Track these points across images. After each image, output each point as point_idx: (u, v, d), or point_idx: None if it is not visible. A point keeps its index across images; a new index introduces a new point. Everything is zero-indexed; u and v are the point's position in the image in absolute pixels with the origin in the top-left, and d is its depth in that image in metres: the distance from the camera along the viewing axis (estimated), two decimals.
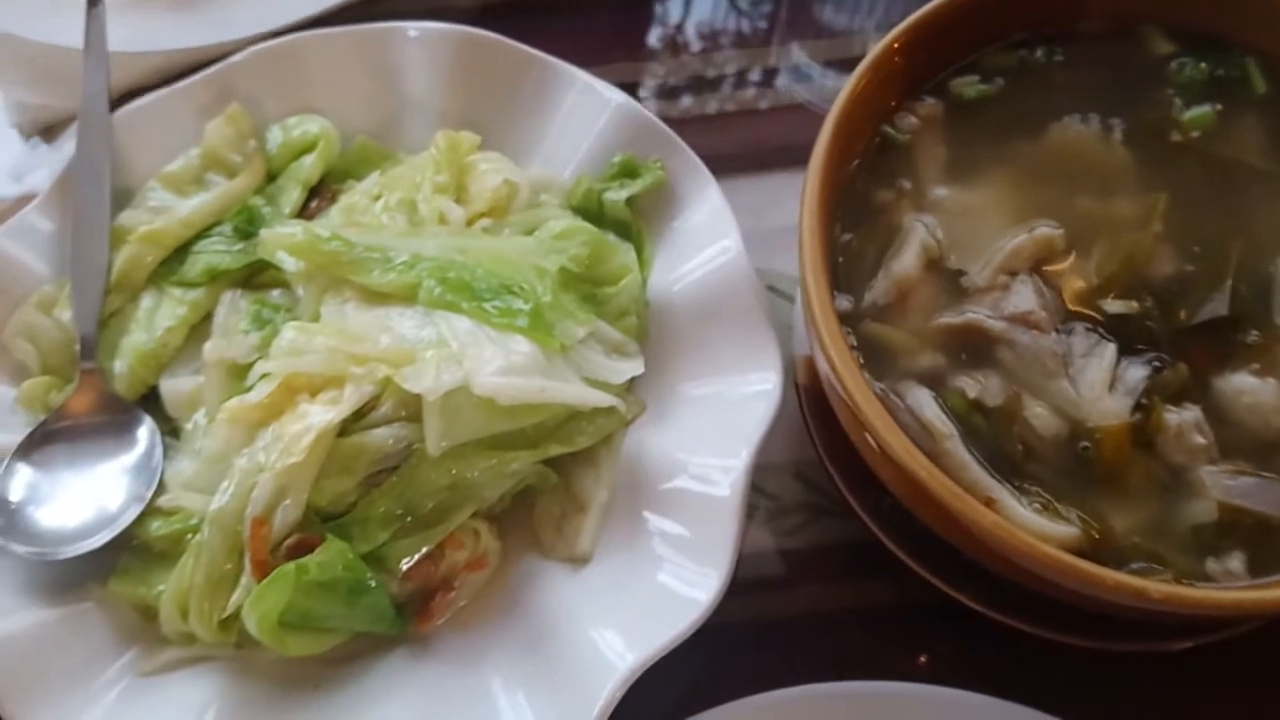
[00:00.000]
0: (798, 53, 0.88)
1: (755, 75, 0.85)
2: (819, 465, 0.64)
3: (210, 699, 0.54)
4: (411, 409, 0.55)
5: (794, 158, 0.77)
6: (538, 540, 0.59)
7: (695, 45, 0.86)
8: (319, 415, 0.53)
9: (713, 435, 0.58)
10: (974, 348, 0.52)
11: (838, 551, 0.63)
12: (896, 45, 0.55)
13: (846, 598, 0.62)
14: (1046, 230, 0.54)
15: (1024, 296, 0.53)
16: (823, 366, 0.51)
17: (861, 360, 0.51)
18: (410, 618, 0.56)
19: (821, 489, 0.65)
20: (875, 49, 0.55)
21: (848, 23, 0.92)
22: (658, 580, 0.55)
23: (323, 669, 0.56)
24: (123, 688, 0.55)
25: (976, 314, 0.53)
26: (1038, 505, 0.49)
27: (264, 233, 0.60)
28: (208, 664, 0.55)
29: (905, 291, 0.53)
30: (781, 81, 0.86)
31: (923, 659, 0.60)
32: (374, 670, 0.56)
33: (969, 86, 0.58)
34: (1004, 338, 0.52)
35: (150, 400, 0.61)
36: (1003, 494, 0.49)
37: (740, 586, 0.54)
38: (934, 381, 0.52)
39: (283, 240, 0.59)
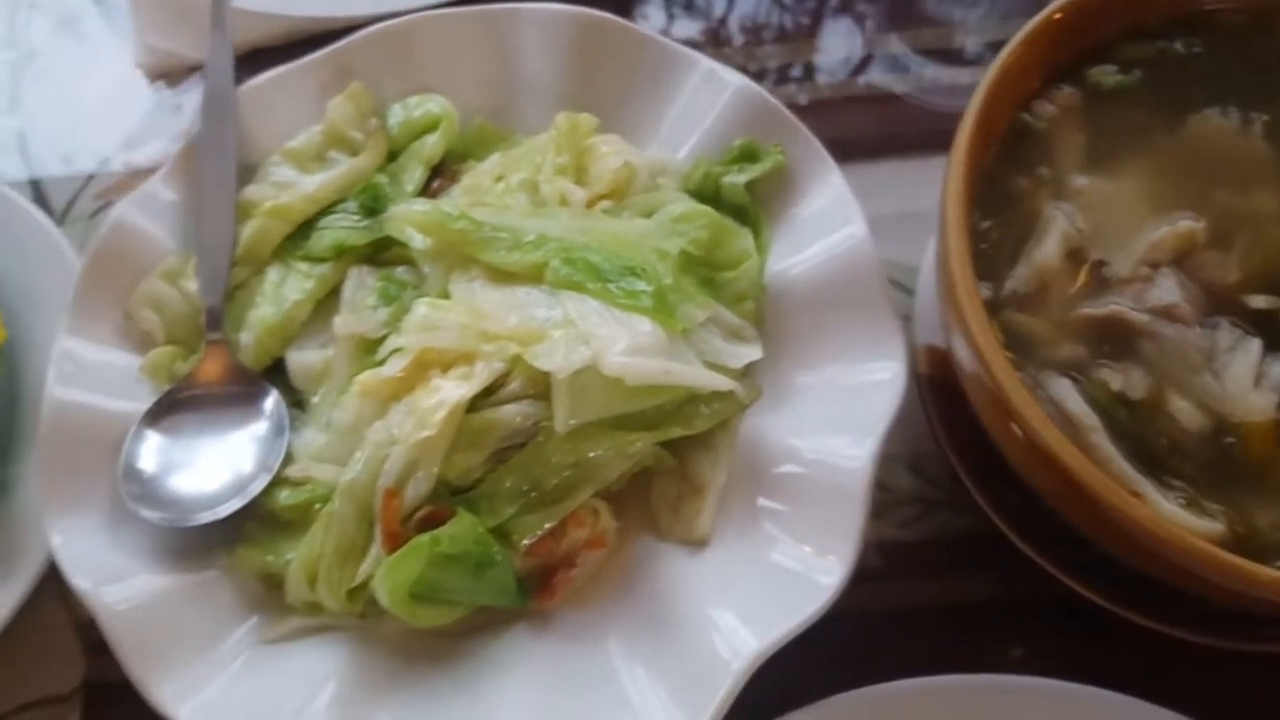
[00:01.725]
0: (896, 43, 0.88)
1: (798, 70, 0.84)
2: (936, 457, 0.64)
3: (334, 668, 0.55)
4: (539, 387, 0.55)
5: (895, 147, 0.78)
6: (653, 522, 0.59)
7: (738, 39, 0.85)
8: (452, 390, 0.54)
9: (833, 422, 0.57)
10: (1116, 340, 0.51)
11: (951, 545, 0.62)
12: (1036, 34, 0.55)
13: (957, 591, 0.61)
14: (1188, 223, 0.53)
15: (1167, 289, 0.52)
16: (962, 355, 0.51)
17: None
18: (531, 593, 0.56)
19: (935, 481, 0.64)
20: (1015, 38, 0.55)
21: (948, 14, 0.91)
22: (778, 566, 0.55)
23: (444, 642, 0.56)
24: (247, 655, 0.55)
25: (1119, 305, 0.52)
26: (1181, 500, 0.48)
27: (393, 209, 0.60)
28: (331, 634, 0.56)
29: (1046, 281, 0.53)
30: (873, 72, 0.86)
31: (1037, 653, 0.59)
32: (494, 644, 0.56)
33: (1107, 76, 0.57)
34: (1147, 330, 0.51)
35: (273, 372, 0.62)
36: (1147, 488, 0.48)
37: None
38: (1075, 372, 0.51)
39: (412, 217, 0.59)
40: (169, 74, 0.81)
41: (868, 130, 0.80)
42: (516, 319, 0.56)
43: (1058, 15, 0.54)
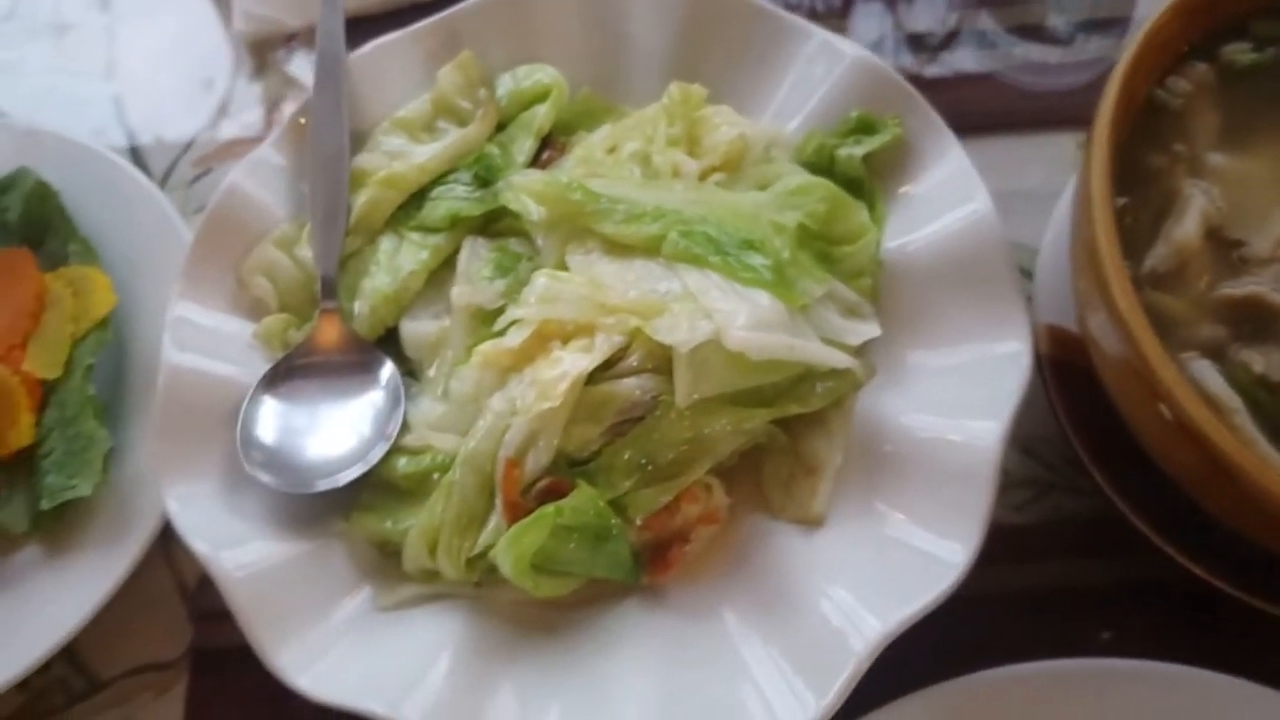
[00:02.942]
0: (986, 19, 0.86)
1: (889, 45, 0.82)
2: (1049, 440, 0.63)
3: (449, 637, 0.55)
4: (658, 360, 0.55)
5: (991, 125, 0.77)
6: (764, 500, 0.58)
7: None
8: (574, 362, 0.54)
9: (954, 402, 0.57)
10: (1256, 321, 0.50)
11: (1065, 529, 0.62)
12: (1178, 9, 0.53)
13: (1072, 575, 0.60)
14: None
15: None
16: (1103, 334, 0.49)
17: None
18: (644, 567, 0.56)
19: (1048, 464, 0.63)
20: (1159, 13, 0.53)
21: None
22: (898, 548, 0.54)
23: (556, 614, 0.56)
24: (362, 622, 0.56)
25: (1259, 287, 0.51)
26: None
27: (510, 179, 0.60)
28: (446, 602, 0.56)
29: (1185, 260, 0.51)
30: (962, 49, 0.84)
31: (1153, 638, 0.58)
32: (607, 617, 0.56)
33: (1241, 54, 0.56)
34: None
35: (384, 341, 0.62)
36: None
37: None
38: (1214, 354, 0.50)
39: (529, 187, 0.59)
40: (267, 41, 0.81)
41: (962, 107, 0.79)
42: (636, 292, 0.55)
43: (1171, 10, 0.52)
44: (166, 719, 0.61)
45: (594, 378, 0.54)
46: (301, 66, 0.81)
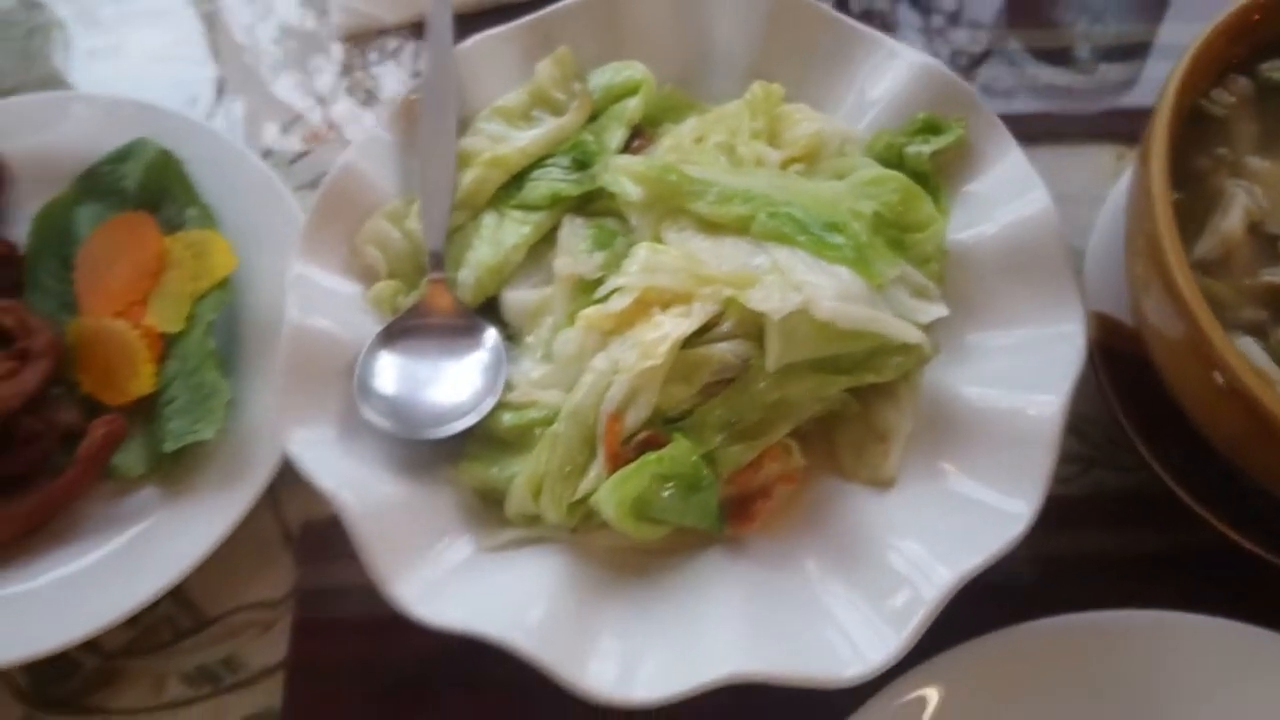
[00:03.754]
0: (1014, 42, 0.93)
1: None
2: (1094, 420, 0.69)
3: (549, 575, 0.59)
4: (749, 328, 0.60)
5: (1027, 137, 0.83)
6: (836, 463, 0.63)
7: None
8: (673, 325, 0.59)
9: (1014, 377, 0.62)
10: None
11: (1108, 500, 0.67)
12: (1216, 32, 0.60)
13: (1117, 543, 0.66)
14: None
15: None
16: (1158, 313, 0.55)
17: None
18: (728, 519, 0.61)
19: (1093, 442, 0.69)
20: (1201, 37, 0.59)
21: (1063, 16, 0.96)
22: (964, 506, 0.59)
23: (645, 559, 0.61)
24: (468, 560, 0.60)
25: None
26: None
27: (611, 161, 0.65)
28: (544, 545, 0.61)
29: (1230, 249, 0.57)
30: (991, 67, 0.91)
31: (1194, 600, 0.61)
32: (693, 564, 0.61)
33: (1276, 71, 0.62)
34: None
35: (483, 310, 0.67)
36: None
37: None
38: (1256, 333, 0.55)
39: (629, 169, 0.64)
40: (362, 35, 0.86)
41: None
42: (729, 265, 0.60)
43: (1255, 16, 0.59)
44: (271, 654, 0.64)
45: (689, 342, 0.59)
46: (394, 59, 0.86)
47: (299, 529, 0.68)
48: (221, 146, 0.75)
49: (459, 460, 0.62)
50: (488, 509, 0.62)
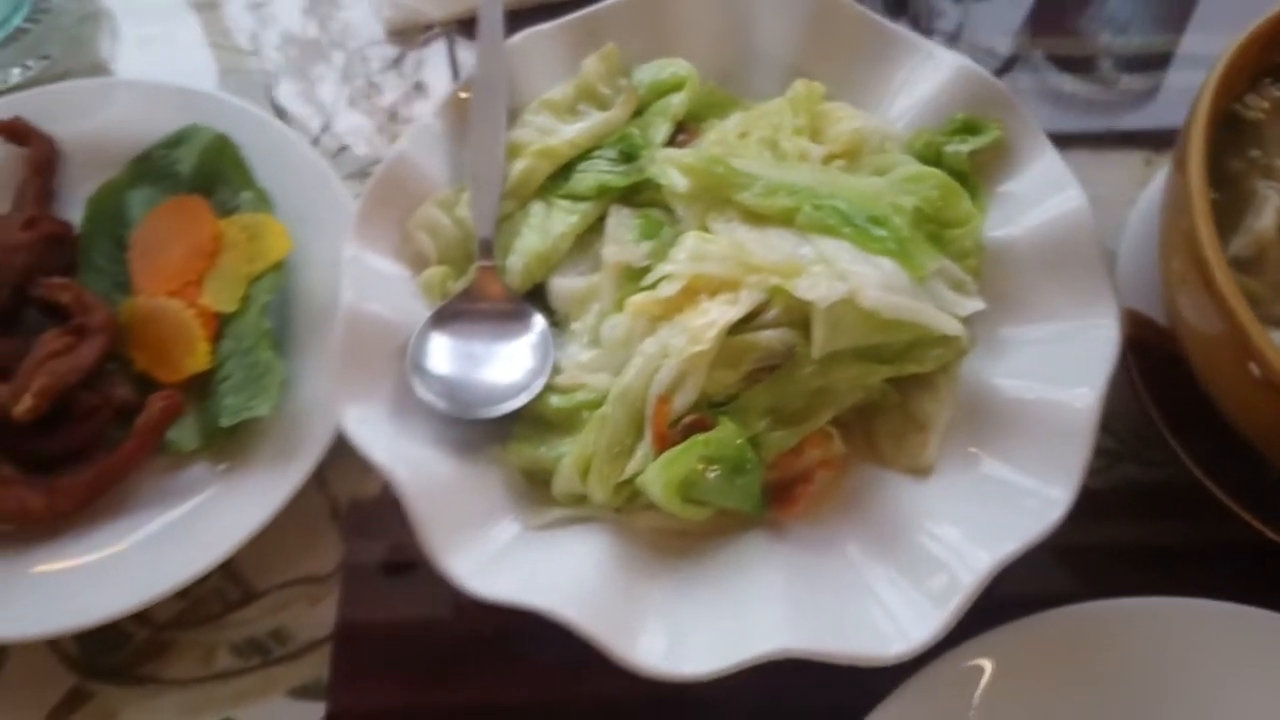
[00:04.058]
0: (1039, 50, 0.95)
1: None
2: (1122, 415, 0.70)
3: (594, 552, 0.60)
4: (794, 316, 0.61)
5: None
6: (874, 451, 0.65)
7: None
8: (721, 311, 0.60)
9: (1048, 370, 0.63)
10: None
11: (1136, 493, 0.69)
12: (1250, 39, 0.61)
13: (1147, 533, 0.68)
14: None
15: None
16: (1194, 307, 0.57)
17: None
18: (769, 503, 0.62)
19: (1121, 438, 0.71)
20: (1234, 44, 0.61)
21: (1087, 26, 0.98)
22: (1001, 493, 0.60)
23: (687, 541, 0.62)
24: (515, 538, 0.61)
25: None
26: None
27: (659, 153, 0.67)
28: (589, 525, 0.62)
29: (1263, 248, 0.59)
30: (1016, 73, 0.93)
31: (1222, 589, 0.62)
32: (735, 545, 0.62)
33: None
34: None
35: (529, 298, 0.68)
36: None
37: None
38: None
39: (678, 160, 0.66)
40: (409, 29, 0.88)
41: None
42: (776, 255, 0.62)
43: (1250, 42, 0.61)
44: (318, 627, 0.66)
45: (735, 329, 0.61)
46: (439, 54, 0.88)
47: (345, 506, 0.70)
48: (271, 132, 0.77)
49: (506, 441, 0.64)
50: (532, 489, 0.64)
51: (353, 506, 0.70)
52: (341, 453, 0.65)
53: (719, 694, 0.56)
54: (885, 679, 0.57)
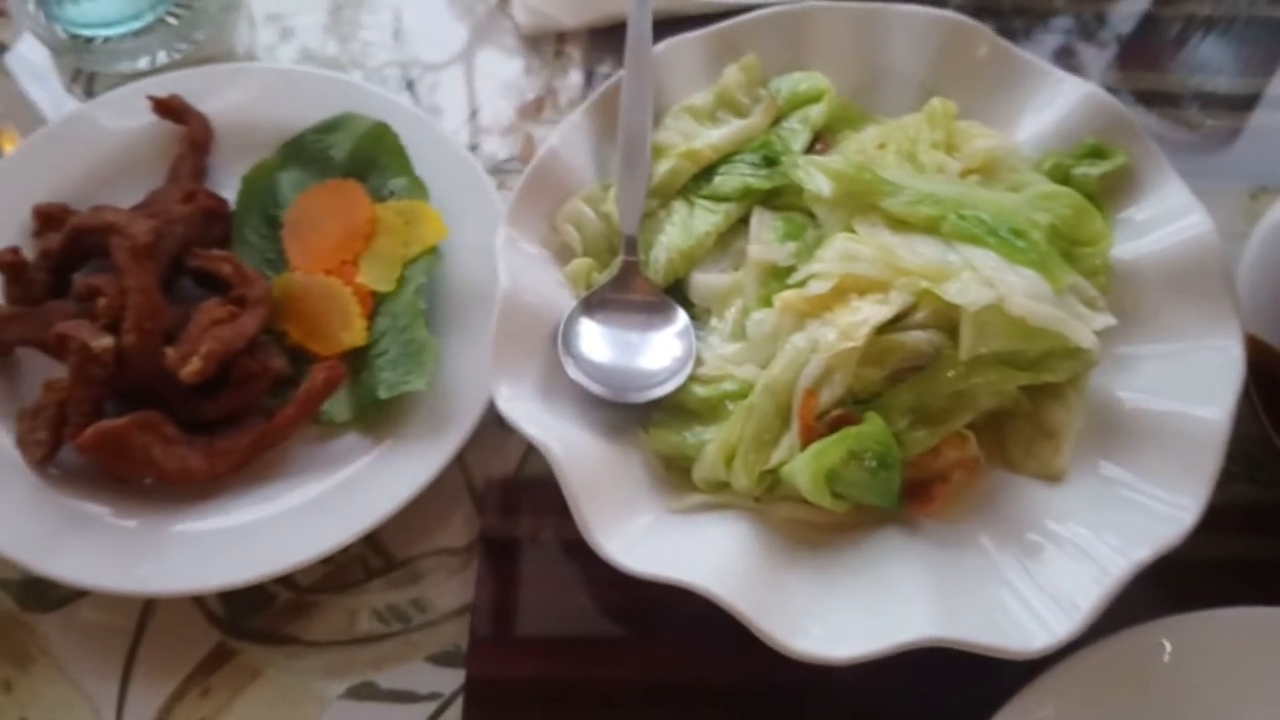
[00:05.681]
0: (1120, 80, 0.98)
1: None
2: (1238, 436, 0.72)
3: (735, 537, 0.62)
4: (941, 319, 0.64)
5: None
6: (1005, 457, 0.67)
7: None
8: (873, 310, 0.63)
9: (1174, 386, 0.65)
10: None
11: (1248, 511, 0.71)
12: None
13: (1259, 549, 0.70)
14: None
15: None
16: None
17: None
18: (906, 499, 0.65)
19: (1233, 456, 0.72)
20: None
21: (1177, 68, 1.01)
22: (1132, 500, 0.62)
23: (822, 534, 0.64)
24: (657, 520, 0.63)
25: None
26: None
27: (805, 158, 0.70)
28: (728, 512, 0.64)
29: None
30: None
31: None
32: (871, 539, 0.64)
33: None
34: None
35: (668, 292, 0.71)
36: None
37: None
38: None
39: (825, 166, 0.68)
40: (539, 37, 0.91)
41: None
42: (924, 260, 0.65)
43: None
44: (456, 597, 0.68)
45: (882, 329, 0.63)
46: (570, 61, 0.91)
47: (482, 484, 0.72)
48: (423, 126, 0.80)
49: (648, 426, 0.66)
50: (670, 474, 0.66)
51: (488, 485, 0.72)
52: (478, 433, 0.68)
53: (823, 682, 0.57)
54: (999, 679, 0.59)
